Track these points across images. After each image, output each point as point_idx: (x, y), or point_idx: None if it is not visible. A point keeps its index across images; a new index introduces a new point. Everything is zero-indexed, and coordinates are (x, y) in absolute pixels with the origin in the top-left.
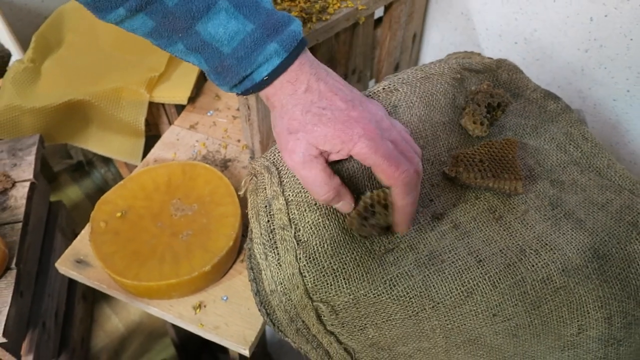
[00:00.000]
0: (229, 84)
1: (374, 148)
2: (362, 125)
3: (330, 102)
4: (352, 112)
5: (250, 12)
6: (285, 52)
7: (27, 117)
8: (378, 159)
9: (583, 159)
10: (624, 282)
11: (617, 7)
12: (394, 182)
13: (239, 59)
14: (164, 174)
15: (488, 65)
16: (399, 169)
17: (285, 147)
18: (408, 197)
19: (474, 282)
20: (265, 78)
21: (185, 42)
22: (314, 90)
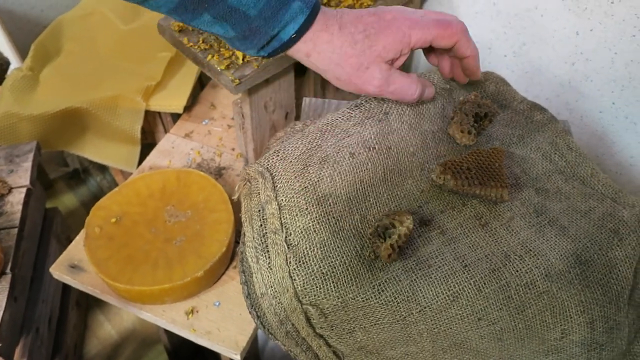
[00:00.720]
0: (257, 47)
1: (425, 28)
2: (401, 19)
3: (364, 23)
4: (387, 16)
5: None
6: (308, 9)
7: (24, 124)
8: (434, 31)
9: (568, 168)
10: (606, 287)
11: (602, 22)
12: (457, 37)
13: (266, 19)
14: (159, 180)
15: None
16: (452, 25)
17: (363, 83)
18: (471, 42)
19: (459, 287)
20: (293, 36)
21: (212, 11)
22: (346, 24)
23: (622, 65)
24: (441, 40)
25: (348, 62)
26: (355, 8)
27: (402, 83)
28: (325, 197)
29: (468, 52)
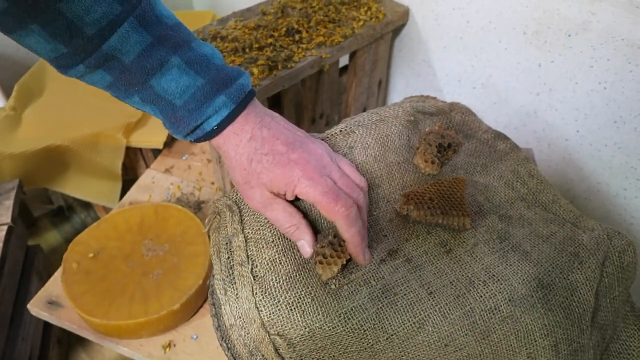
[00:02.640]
0: (182, 133)
1: (313, 186)
2: (301, 166)
3: (271, 147)
4: (292, 155)
5: (201, 68)
6: (233, 103)
7: (6, 163)
8: (317, 197)
9: (529, 195)
10: (567, 310)
11: (562, 54)
12: (335, 217)
13: (190, 110)
14: (137, 215)
15: (441, 108)
16: (338, 203)
17: (245, 195)
18: (351, 229)
19: (425, 314)
20: (215, 127)
21: (141, 95)
22: (257, 138)
23: (584, 94)
24: (320, 209)
25: (240, 172)
26: (328, 42)
27: (277, 216)
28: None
29: (345, 235)
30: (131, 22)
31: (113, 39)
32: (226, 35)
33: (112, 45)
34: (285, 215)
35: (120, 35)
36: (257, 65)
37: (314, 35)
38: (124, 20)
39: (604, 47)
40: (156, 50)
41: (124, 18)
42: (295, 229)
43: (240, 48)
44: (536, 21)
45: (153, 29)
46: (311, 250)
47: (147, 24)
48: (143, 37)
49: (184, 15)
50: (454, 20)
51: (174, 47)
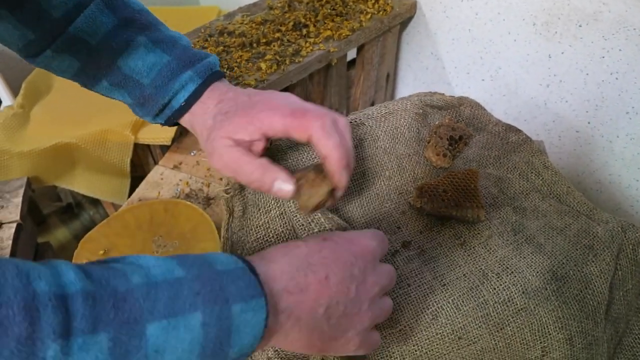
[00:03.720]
0: (152, 113)
1: (278, 113)
2: (264, 103)
3: (235, 101)
4: (254, 98)
5: (168, 47)
6: (200, 78)
7: (15, 161)
8: (285, 119)
9: (544, 187)
10: (582, 302)
11: (572, 45)
12: (311, 131)
13: (157, 87)
14: (147, 212)
15: (450, 102)
16: (307, 115)
17: (208, 153)
18: (328, 141)
19: (438, 305)
20: (182, 104)
21: (109, 78)
22: (224, 100)
23: (594, 86)
24: (293, 132)
25: (204, 132)
26: (335, 35)
27: (240, 166)
28: (303, 225)
29: (323, 150)
30: (97, 4)
31: (79, 21)
32: (233, 30)
33: (78, 26)
34: (249, 159)
35: (86, 17)
36: (264, 60)
37: (321, 29)
38: (90, 2)
39: (615, 37)
40: (122, 30)
41: (91, 0)
42: (263, 170)
43: (247, 43)
44: (546, 12)
45: (119, 11)
46: (292, 186)
47: (114, 7)
48: (109, 18)
49: (190, 11)
50: (462, 12)
51: (140, 28)
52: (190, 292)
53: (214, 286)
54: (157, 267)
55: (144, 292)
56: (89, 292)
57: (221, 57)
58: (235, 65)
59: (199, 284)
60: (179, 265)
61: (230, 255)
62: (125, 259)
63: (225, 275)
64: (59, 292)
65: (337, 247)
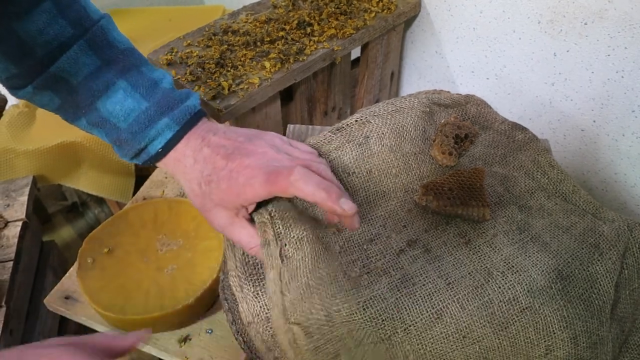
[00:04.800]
0: (128, 156)
1: (257, 184)
2: (242, 173)
3: (213, 166)
4: (231, 165)
5: (147, 92)
6: (177, 125)
7: (20, 160)
8: (264, 189)
9: (550, 185)
10: (587, 302)
11: (577, 43)
12: (290, 190)
13: (133, 133)
14: (151, 210)
15: (456, 100)
16: (279, 179)
17: (210, 221)
18: (308, 187)
19: (443, 304)
20: (159, 150)
21: (87, 117)
22: (199, 160)
23: (600, 84)
24: (278, 194)
25: (195, 199)
26: (340, 34)
27: (241, 237)
28: (313, 217)
29: (310, 199)
30: (80, 45)
31: (62, 61)
32: (237, 29)
33: (60, 66)
34: (246, 236)
35: (69, 57)
36: (268, 58)
37: (325, 28)
38: (74, 43)
39: (621, 35)
40: (104, 73)
41: (74, 41)
42: (257, 250)
43: (251, 42)
44: (551, 10)
45: (103, 52)
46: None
47: (97, 48)
48: (92, 60)
49: (195, 10)
50: (466, 11)
51: (121, 70)
52: None
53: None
54: None
55: None
56: None
57: (225, 56)
58: (240, 63)
59: None
60: None
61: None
62: None
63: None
64: None
65: None
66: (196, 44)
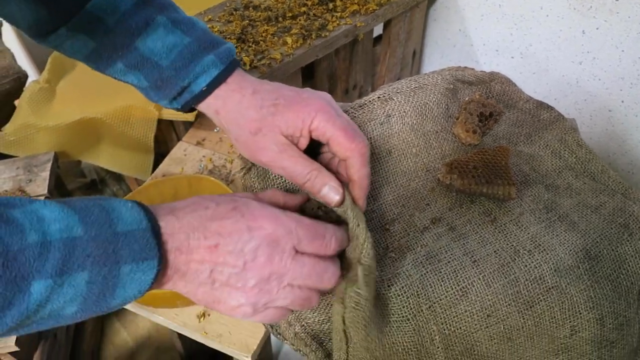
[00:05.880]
0: (169, 97)
1: (331, 121)
2: (315, 102)
3: (279, 93)
4: (303, 95)
5: (187, 28)
6: (222, 64)
7: (41, 135)
8: (335, 131)
9: (578, 164)
10: (615, 282)
11: (607, 20)
12: (351, 153)
13: (177, 69)
14: (171, 186)
15: (481, 77)
16: (355, 140)
17: (257, 149)
18: (364, 168)
19: (468, 282)
20: (204, 88)
21: (125, 60)
22: (260, 91)
23: (630, 63)
24: (336, 146)
25: (249, 125)
26: (362, 10)
27: (295, 163)
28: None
29: (355, 175)
30: None
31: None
32: (258, 4)
33: (96, 4)
34: (303, 161)
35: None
36: (290, 34)
37: (348, 4)
38: None
39: None
40: (141, 9)
41: None
42: (317, 173)
43: (273, 17)
44: None
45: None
46: (340, 196)
47: None
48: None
49: None
50: None
51: (159, 7)
52: (82, 254)
53: (108, 249)
54: (57, 223)
55: (37, 252)
56: None
57: (247, 31)
58: (261, 39)
59: (93, 246)
60: (80, 223)
61: (138, 212)
62: (30, 205)
63: (124, 237)
64: None
65: (239, 220)
66: (217, 19)
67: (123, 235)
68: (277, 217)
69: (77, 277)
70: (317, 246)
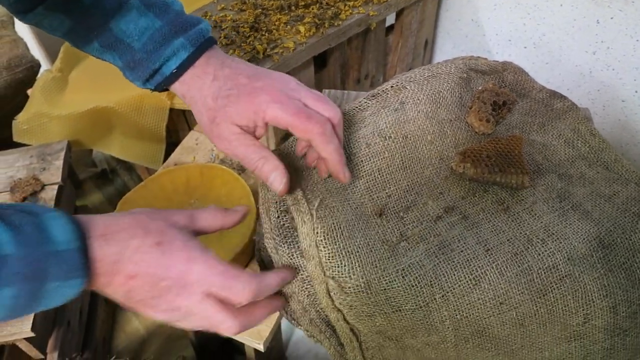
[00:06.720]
0: (142, 79)
1: (282, 109)
2: (267, 92)
3: (234, 82)
4: (256, 84)
5: (160, 11)
6: (192, 46)
7: (54, 124)
8: (289, 118)
9: (591, 154)
10: (629, 271)
11: (622, 9)
12: (310, 135)
13: (148, 52)
14: (183, 175)
15: (494, 67)
16: (310, 122)
17: (213, 135)
18: (329, 146)
19: (481, 270)
20: (174, 71)
21: (100, 40)
22: (220, 77)
23: None
24: (295, 132)
25: (206, 113)
26: (374, 0)
27: (246, 151)
28: (343, 187)
29: (323, 154)
30: None
31: None
32: None
33: None
34: (254, 148)
35: None
36: (303, 23)
37: None
38: None
39: None
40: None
41: None
42: (265, 161)
43: (285, 6)
44: None
45: None
46: (283, 185)
47: None
48: None
49: None
50: None
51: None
52: (10, 271)
53: (36, 267)
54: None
55: None
56: None
57: (260, 20)
58: (274, 27)
59: (22, 265)
60: (12, 241)
61: (72, 231)
62: None
63: (54, 256)
64: None
65: (159, 258)
66: (230, 7)
67: (53, 255)
68: (194, 260)
69: (2, 291)
70: (227, 294)
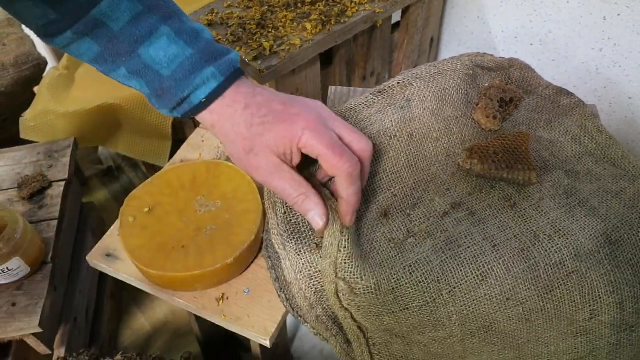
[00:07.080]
0: (169, 107)
1: (317, 138)
2: (303, 118)
3: (268, 109)
4: (291, 110)
5: (190, 39)
6: (222, 76)
7: (61, 121)
8: (322, 149)
9: (598, 150)
10: (636, 267)
11: (629, 6)
12: (338, 172)
13: (177, 80)
14: (189, 172)
15: (500, 63)
16: (342, 159)
17: (249, 166)
18: (351, 187)
19: (488, 266)
20: (203, 100)
21: (128, 66)
22: (252, 105)
23: None
24: (324, 163)
25: (241, 143)
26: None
27: (285, 185)
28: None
29: (342, 193)
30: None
31: (103, 4)
32: None
33: (102, 10)
34: (294, 183)
35: (110, 1)
36: (309, 20)
37: None
38: None
39: None
40: (146, 18)
41: None
42: (305, 198)
43: (292, 3)
44: None
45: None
46: (323, 223)
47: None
48: (133, 4)
49: None
50: None
51: (164, 17)
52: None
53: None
54: None
55: None
56: None
57: (266, 17)
58: (280, 25)
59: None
60: None
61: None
62: None
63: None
64: None
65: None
66: (236, 4)
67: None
68: None
69: None
70: None
